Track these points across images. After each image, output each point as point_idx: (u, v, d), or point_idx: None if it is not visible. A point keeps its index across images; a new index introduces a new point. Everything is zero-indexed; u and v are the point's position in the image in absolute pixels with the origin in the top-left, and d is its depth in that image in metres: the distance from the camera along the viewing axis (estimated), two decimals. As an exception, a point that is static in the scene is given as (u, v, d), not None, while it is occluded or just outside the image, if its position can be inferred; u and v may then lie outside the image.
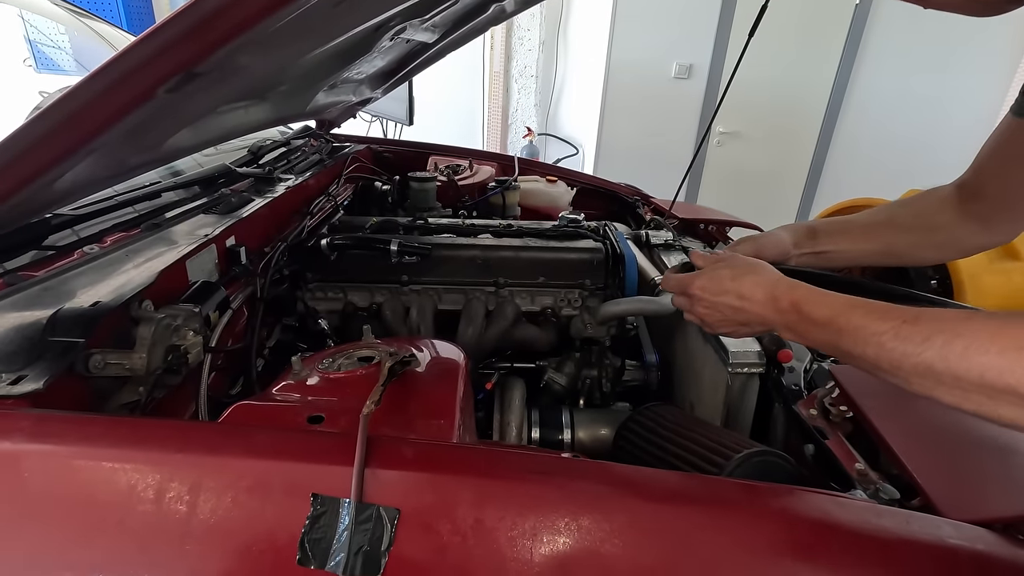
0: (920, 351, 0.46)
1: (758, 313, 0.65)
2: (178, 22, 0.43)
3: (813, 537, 0.51)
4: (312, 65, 0.97)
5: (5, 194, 0.53)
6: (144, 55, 0.45)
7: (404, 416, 0.63)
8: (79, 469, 0.49)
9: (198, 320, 0.79)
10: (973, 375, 0.43)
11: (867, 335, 0.51)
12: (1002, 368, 0.41)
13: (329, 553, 0.47)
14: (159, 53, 0.46)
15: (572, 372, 1.18)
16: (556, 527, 0.49)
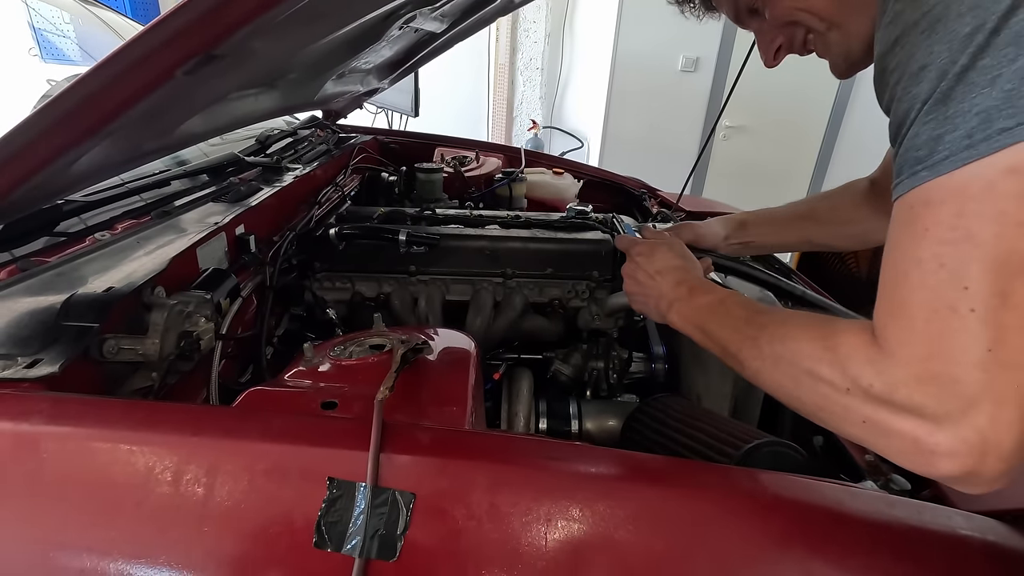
0: (757, 334, 0.53)
1: (661, 287, 0.72)
2: (199, 3, 0.43)
3: (826, 527, 0.51)
4: (322, 53, 0.96)
5: (24, 176, 0.53)
6: (165, 35, 0.45)
7: (417, 403, 0.64)
8: (97, 451, 0.49)
9: (210, 307, 0.79)
10: (786, 357, 0.49)
11: (730, 319, 0.59)
12: (808, 353, 0.47)
13: (345, 536, 0.47)
14: (180, 34, 0.45)
15: (579, 363, 1.19)
16: (570, 513, 0.49)
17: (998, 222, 0.37)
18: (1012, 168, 0.37)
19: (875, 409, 0.41)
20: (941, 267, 0.38)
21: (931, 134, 0.40)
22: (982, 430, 0.37)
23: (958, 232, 0.38)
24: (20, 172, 0.53)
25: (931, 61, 0.39)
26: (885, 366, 0.41)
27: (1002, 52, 0.36)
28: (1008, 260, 0.37)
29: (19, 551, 0.47)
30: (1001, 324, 0.37)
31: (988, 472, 0.38)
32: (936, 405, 0.38)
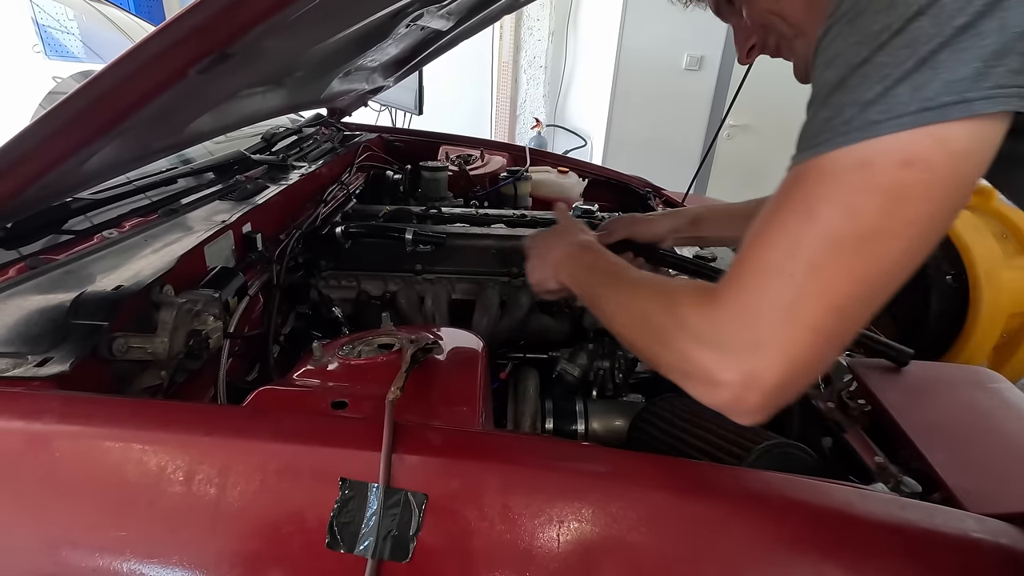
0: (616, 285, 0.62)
1: (553, 255, 0.79)
2: (215, 1, 0.43)
3: (839, 529, 0.51)
4: (330, 51, 0.96)
5: (38, 174, 0.53)
6: (180, 34, 0.45)
7: (427, 403, 0.64)
8: (109, 450, 0.49)
9: (218, 305, 0.79)
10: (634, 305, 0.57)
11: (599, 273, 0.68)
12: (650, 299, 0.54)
13: (358, 537, 0.47)
14: (195, 32, 0.45)
15: (585, 363, 1.18)
16: (582, 514, 0.49)
17: (836, 207, 0.41)
18: (863, 161, 0.41)
19: (688, 344, 0.47)
20: (784, 234, 0.44)
21: (822, 117, 0.43)
22: (756, 371, 0.43)
23: (805, 209, 0.43)
24: (33, 170, 0.53)
25: (844, 50, 0.42)
26: (709, 309, 0.47)
27: (897, 52, 0.39)
28: (832, 241, 0.41)
29: (32, 550, 0.47)
30: (805, 291, 0.42)
31: (749, 405, 0.45)
32: (733, 344, 0.44)
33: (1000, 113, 0.39)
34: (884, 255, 0.42)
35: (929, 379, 0.88)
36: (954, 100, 0.38)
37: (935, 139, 0.40)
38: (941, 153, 0.40)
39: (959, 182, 0.41)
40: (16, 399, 0.53)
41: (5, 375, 0.57)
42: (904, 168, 0.40)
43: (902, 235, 0.41)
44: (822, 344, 0.43)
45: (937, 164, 0.40)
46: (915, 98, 0.39)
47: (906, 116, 0.39)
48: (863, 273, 0.42)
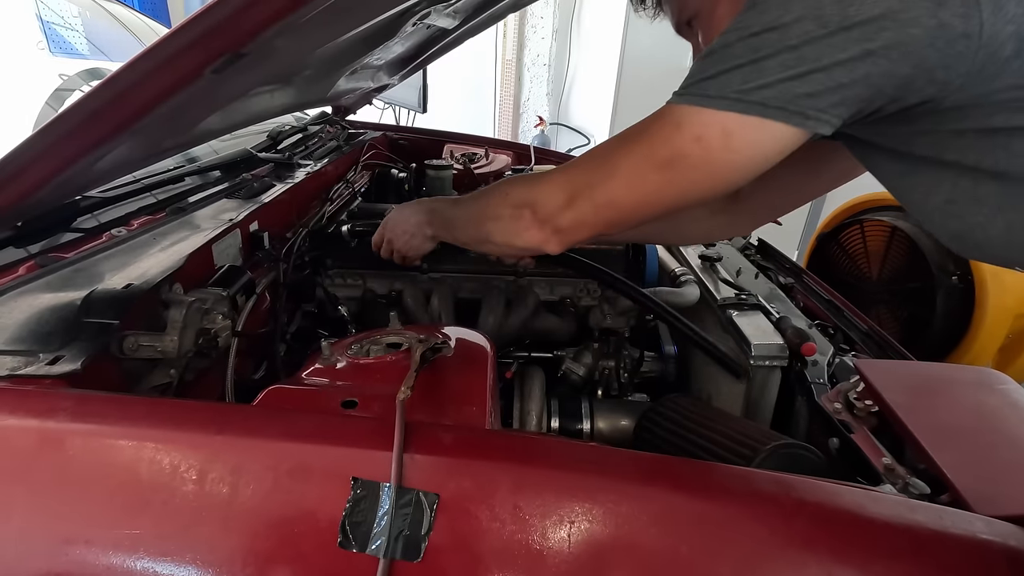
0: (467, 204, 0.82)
1: (416, 219, 0.93)
2: (229, 3, 0.43)
3: (849, 530, 0.51)
4: (338, 49, 0.96)
5: (53, 172, 0.53)
6: (196, 34, 0.45)
7: (436, 402, 0.64)
8: (123, 449, 0.49)
9: (226, 304, 0.79)
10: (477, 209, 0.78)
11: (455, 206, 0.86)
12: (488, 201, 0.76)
13: (370, 536, 0.47)
14: (210, 33, 0.45)
15: (590, 362, 1.18)
16: (593, 515, 0.49)
17: (648, 144, 0.57)
18: (678, 123, 0.55)
19: (519, 208, 0.68)
20: (618, 142, 0.60)
21: (690, 72, 0.55)
22: (560, 223, 0.65)
23: (638, 132, 0.59)
24: (50, 168, 0.53)
25: (728, 28, 0.52)
26: (536, 186, 0.67)
27: (746, 51, 0.50)
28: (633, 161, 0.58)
29: (47, 547, 0.48)
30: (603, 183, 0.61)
31: (551, 246, 0.67)
32: (550, 205, 0.65)
33: (786, 125, 0.50)
34: (653, 188, 0.58)
35: (936, 380, 0.88)
36: (757, 100, 0.50)
37: (723, 129, 0.52)
38: (722, 143, 0.53)
39: (725, 170, 0.55)
40: (29, 397, 0.53)
41: (17, 373, 0.57)
42: (695, 142, 0.54)
43: (671, 182, 0.57)
44: (598, 219, 0.63)
45: (715, 150, 0.53)
46: (739, 89, 0.50)
47: (727, 99, 0.51)
48: (636, 189, 0.59)
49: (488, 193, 0.77)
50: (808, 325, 1.03)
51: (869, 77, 0.48)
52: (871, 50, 0.47)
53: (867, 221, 1.65)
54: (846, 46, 0.47)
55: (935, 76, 0.48)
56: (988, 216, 0.54)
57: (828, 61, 0.47)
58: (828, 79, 0.48)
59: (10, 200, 0.58)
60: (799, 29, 0.48)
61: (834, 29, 0.47)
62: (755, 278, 1.22)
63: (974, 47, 0.46)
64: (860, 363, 0.87)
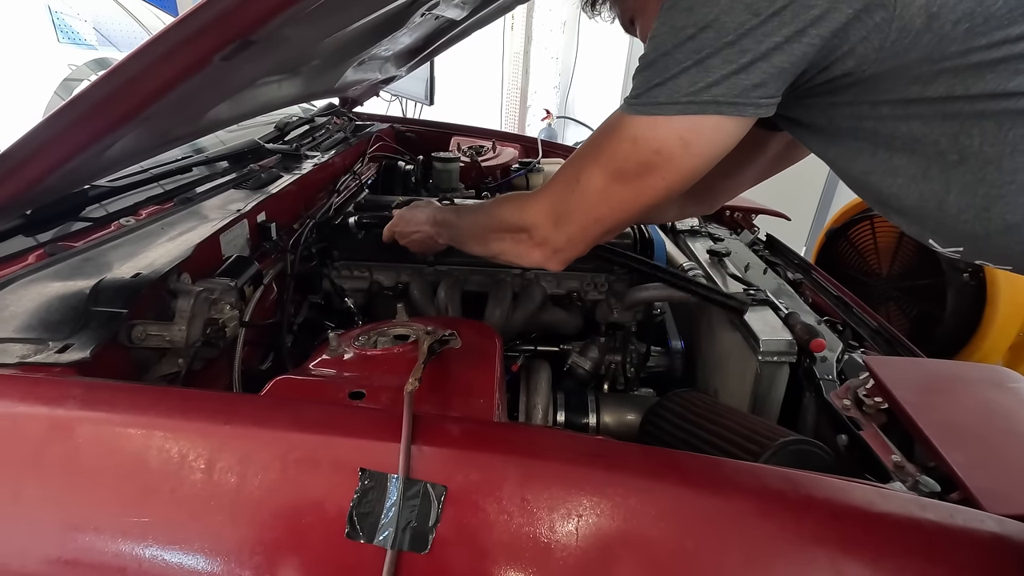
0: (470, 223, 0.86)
1: (423, 229, 0.97)
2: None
3: (859, 528, 0.50)
4: (347, 39, 0.96)
5: (63, 159, 0.53)
6: (205, 20, 0.45)
7: (443, 394, 0.64)
8: (132, 437, 0.50)
9: (234, 294, 0.79)
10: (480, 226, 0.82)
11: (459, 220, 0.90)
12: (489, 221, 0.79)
13: (377, 527, 0.47)
14: (220, 19, 0.45)
15: (596, 357, 1.18)
16: (601, 509, 0.49)
17: (611, 160, 0.60)
18: (635, 137, 0.57)
19: (513, 229, 0.73)
20: (581, 163, 0.64)
21: (634, 85, 0.57)
22: (554, 243, 0.69)
23: (597, 151, 0.62)
24: (59, 156, 0.53)
25: (658, 34, 0.53)
26: (525, 208, 0.72)
27: (688, 54, 0.51)
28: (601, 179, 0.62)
29: (57, 533, 0.48)
30: (580, 203, 0.65)
31: (551, 263, 0.71)
32: (540, 228, 0.69)
33: (740, 117, 0.53)
34: (630, 198, 0.61)
35: (946, 378, 0.87)
36: (710, 100, 0.52)
37: (681, 138, 0.55)
38: (681, 151, 0.55)
39: (690, 170, 0.58)
40: (39, 385, 0.54)
41: (27, 361, 0.57)
42: (655, 154, 0.56)
43: (643, 189, 0.60)
44: (585, 236, 0.67)
45: (676, 158, 0.56)
46: (688, 91, 0.52)
47: (679, 104, 0.53)
48: (614, 204, 0.62)
49: (488, 212, 0.80)
50: (817, 321, 1.02)
51: (805, 55, 0.50)
52: (802, 29, 0.49)
53: (877, 217, 1.64)
54: (780, 29, 0.49)
55: (855, 48, 0.50)
56: (902, 187, 0.56)
57: (767, 47, 0.50)
58: (769, 66, 0.50)
59: (20, 188, 0.58)
60: (733, 22, 0.49)
61: (766, 16, 0.49)
62: (763, 273, 1.21)
63: (889, 18, 0.48)
64: (870, 360, 0.86)
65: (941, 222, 0.57)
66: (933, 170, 0.54)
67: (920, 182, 0.55)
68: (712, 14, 0.50)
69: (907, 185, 0.56)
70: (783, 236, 1.42)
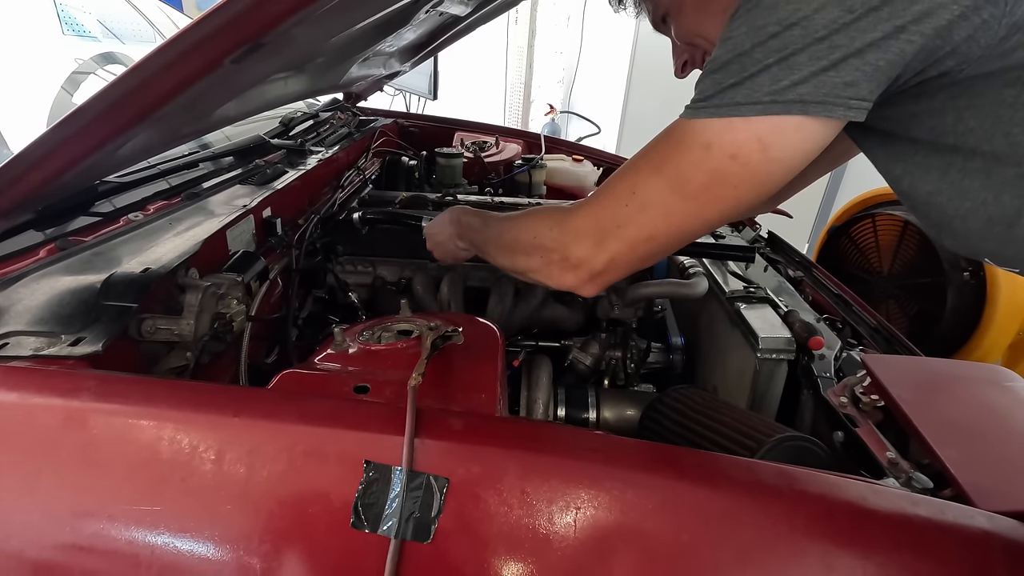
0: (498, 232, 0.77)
1: (447, 231, 0.92)
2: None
3: (850, 523, 0.51)
4: (352, 37, 0.96)
5: (79, 157, 0.54)
6: (216, 26, 0.46)
7: (446, 389, 0.65)
8: (144, 429, 0.51)
9: (241, 289, 0.81)
10: (508, 240, 0.73)
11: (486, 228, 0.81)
12: (515, 236, 0.71)
13: (381, 518, 0.49)
14: (231, 23, 0.46)
15: (597, 352, 1.19)
16: (599, 502, 0.50)
17: (675, 171, 0.54)
18: (707, 144, 0.51)
19: (547, 248, 0.64)
20: (636, 175, 0.58)
21: (703, 88, 0.52)
22: (592, 265, 0.61)
23: (657, 162, 0.56)
24: (75, 155, 0.54)
25: (734, 35, 0.50)
26: (564, 223, 0.63)
27: (770, 52, 0.47)
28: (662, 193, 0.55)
29: (71, 522, 0.50)
30: (633, 219, 0.57)
31: (585, 289, 0.63)
32: (579, 246, 0.61)
33: (827, 118, 0.48)
34: (693, 213, 0.55)
35: (943, 376, 0.88)
36: (795, 99, 0.47)
37: (759, 141, 0.49)
38: (760, 155, 0.50)
39: (767, 179, 0.52)
40: (53, 377, 0.55)
41: (41, 354, 0.59)
42: (731, 160, 0.51)
43: (711, 203, 0.54)
44: (634, 256, 0.60)
45: (754, 163, 0.50)
46: (770, 90, 0.48)
47: (759, 104, 0.48)
48: (673, 220, 0.56)
49: (519, 224, 0.72)
50: (816, 319, 1.03)
51: (903, 54, 0.45)
52: (902, 26, 0.44)
53: (879, 215, 1.64)
54: (877, 25, 0.44)
55: (958, 48, 0.46)
56: (970, 209, 0.53)
57: (861, 44, 0.45)
58: (863, 63, 0.46)
59: (35, 185, 0.60)
60: (824, 19, 0.45)
61: (862, 12, 0.44)
62: (764, 271, 1.22)
63: (999, 14, 0.44)
64: (867, 358, 0.87)
65: (1006, 244, 0.54)
66: (1007, 195, 0.51)
67: (991, 206, 0.52)
68: (801, 12, 0.46)
69: (977, 209, 0.53)
70: (785, 233, 1.43)
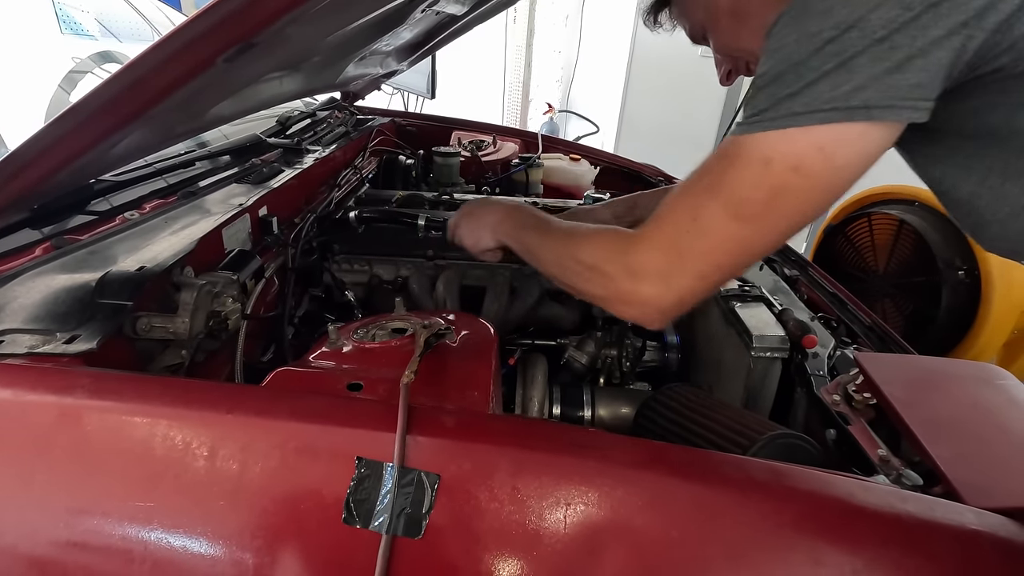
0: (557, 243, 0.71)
1: (488, 218, 0.87)
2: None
3: (839, 519, 0.52)
4: (348, 36, 0.97)
5: (73, 156, 0.54)
6: (208, 25, 0.46)
7: (439, 387, 0.65)
8: (138, 426, 0.51)
9: (236, 287, 0.81)
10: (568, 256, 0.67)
11: (542, 233, 0.75)
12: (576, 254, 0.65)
13: (373, 513, 0.49)
14: (223, 23, 0.46)
15: (592, 351, 1.20)
16: (589, 498, 0.51)
17: (734, 190, 0.51)
18: (766, 158, 0.49)
19: (609, 275, 0.60)
20: (693, 199, 0.54)
21: (757, 102, 0.50)
22: (655, 296, 0.56)
23: (714, 183, 0.53)
24: (68, 153, 0.55)
25: (784, 45, 0.48)
26: (626, 250, 0.59)
27: (828, 57, 0.45)
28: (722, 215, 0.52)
29: (65, 518, 0.50)
30: (695, 246, 0.54)
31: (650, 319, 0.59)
32: (641, 276, 0.57)
33: (893, 122, 0.46)
34: (758, 232, 0.52)
35: (935, 374, 0.88)
36: (859, 104, 0.45)
37: (820, 150, 0.47)
38: (823, 165, 0.47)
39: (832, 190, 0.50)
40: (48, 374, 0.55)
41: (36, 351, 0.59)
42: (793, 172, 0.48)
43: (776, 222, 0.52)
44: (702, 285, 0.56)
45: (818, 173, 0.48)
46: (830, 96, 0.45)
47: (820, 112, 0.46)
48: (739, 242, 0.53)
49: (579, 244, 0.66)
50: (811, 318, 1.04)
51: (964, 51, 0.44)
52: (964, 21, 0.43)
53: (875, 214, 1.65)
54: (938, 22, 0.43)
55: (1017, 43, 0.44)
56: (1008, 215, 0.52)
57: (923, 43, 0.43)
58: (927, 63, 0.44)
59: (29, 183, 0.60)
60: (881, 18, 0.43)
61: (921, 9, 0.43)
62: (759, 270, 1.22)
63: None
64: (860, 356, 0.88)
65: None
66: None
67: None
68: (857, 13, 0.43)
69: (1018, 214, 0.52)
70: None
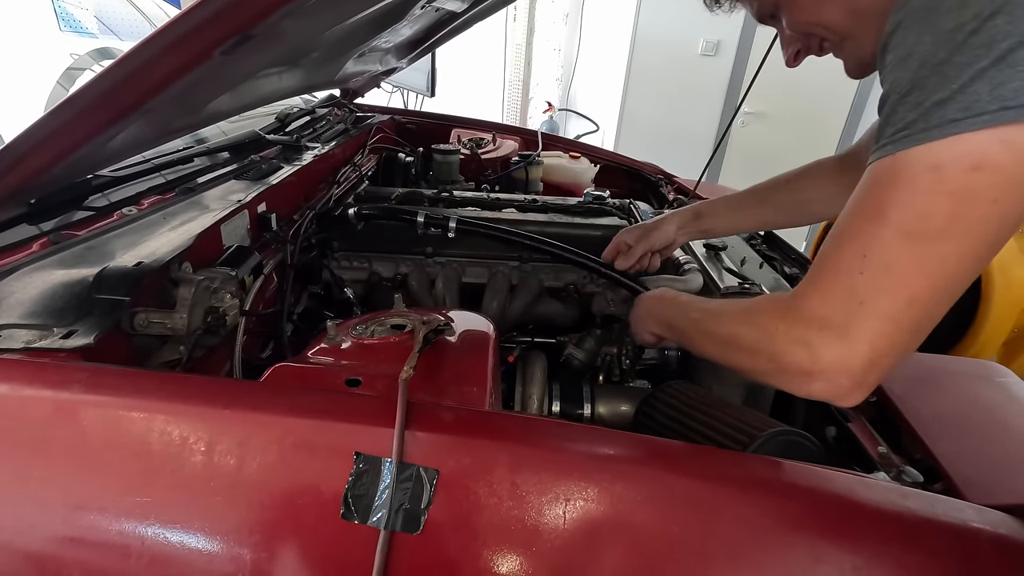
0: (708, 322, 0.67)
1: (640, 314, 0.88)
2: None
3: (839, 515, 0.52)
4: (347, 31, 0.96)
5: (68, 150, 0.54)
6: (206, 16, 0.46)
7: (438, 382, 0.65)
8: (135, 421, 0.51)
9: (234, 283, 0.81)
10: (723, 335, 0.63)
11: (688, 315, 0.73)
12: (732, 331, 0.61)
13: (371, 509, 0.49)
14: (220, 14, 0.46)
15: (592, 348, 1.19)
16: (589, 494, 0.50)
17: (906, 209, 0.44)
18: (935, 165, 0.43)
19: (776, 348, 0.53)
20: (855, 238, 0.47)
21: (900, 115, 0.45)
22: (842, 359, 0.48)
23: (876, 213, 0.46)
24: (64, 147, 0.54)
25: (917, 48, 0.43)
26: (789, 315, 0.52)
27: (975, 51, 0.40)
28: (902, 241, 0.44)
29: (61, 513, 0.50)
30: (878, 287, 0.46)
31: (843, 389, 0.49)
32: (816, 340, 0.49)
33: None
34: (953, 252, 0.44)
35: (936, 372, 0.88)
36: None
37: (1003, 142, 0.41)
38: (1009, 155, 0.41)
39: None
40: (44, 369, 0.55)
41: (33, 346, 0.59)
42: (974, 172, 0.41)
43: (971, 234, 0.43)
44: (900, 332, 0.47)
45: (1006, 166, 0.41)
46: (994, 96, 0.40)
47: (985, 115, 0.40)
48: (934, 269, 0.44)
49: (733, 319, 0.61)
50: (811, 315, 1.03)
51: None
52: None
53: (875, 212, 1.64)
54: None
55: None
56: None
57: None
58: None
59: (25, 177, 0.60)
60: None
61: None
62: (760, 268, 1.22)
63: None
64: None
65: None
66: None
67: None
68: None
69: None
70: (782, 231, 1.43)
